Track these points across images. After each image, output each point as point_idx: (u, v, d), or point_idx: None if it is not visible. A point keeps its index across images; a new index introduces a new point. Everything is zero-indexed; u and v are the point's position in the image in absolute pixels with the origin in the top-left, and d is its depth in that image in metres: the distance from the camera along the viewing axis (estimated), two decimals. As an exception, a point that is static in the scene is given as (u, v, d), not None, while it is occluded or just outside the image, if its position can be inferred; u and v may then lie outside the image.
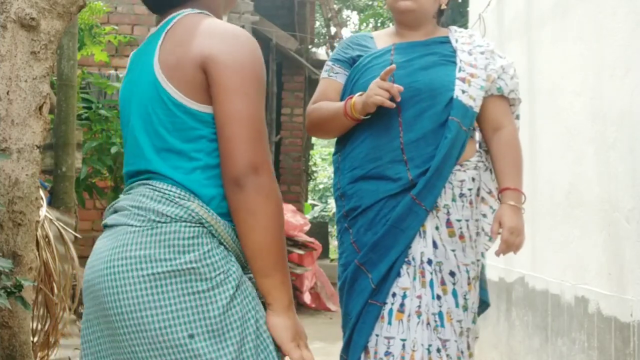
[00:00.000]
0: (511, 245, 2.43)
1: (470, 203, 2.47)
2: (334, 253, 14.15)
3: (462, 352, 2.40)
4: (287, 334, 1.40)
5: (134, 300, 1.35)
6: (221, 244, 1.42)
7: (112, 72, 7.35)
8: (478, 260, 2.49)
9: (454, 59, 2.51)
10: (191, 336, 1.34)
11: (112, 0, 7.75)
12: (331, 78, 2.60)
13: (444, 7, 2.60)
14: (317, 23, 14.48)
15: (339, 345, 2.54)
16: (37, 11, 2.46)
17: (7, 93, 2.44)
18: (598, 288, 3.19)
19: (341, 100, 2.53)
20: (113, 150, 5.67)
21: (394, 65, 2.36)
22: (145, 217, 1.41)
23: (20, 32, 2.45)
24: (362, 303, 2.38)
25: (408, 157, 2.41)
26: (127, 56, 8.61)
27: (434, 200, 2.40)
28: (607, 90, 3.22)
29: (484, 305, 2.58)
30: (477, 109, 2.47)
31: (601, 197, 3.22)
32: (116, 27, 7.18)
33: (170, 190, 1.41)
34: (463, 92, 2.45)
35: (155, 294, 1.35)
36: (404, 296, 2.38)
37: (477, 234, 2.50)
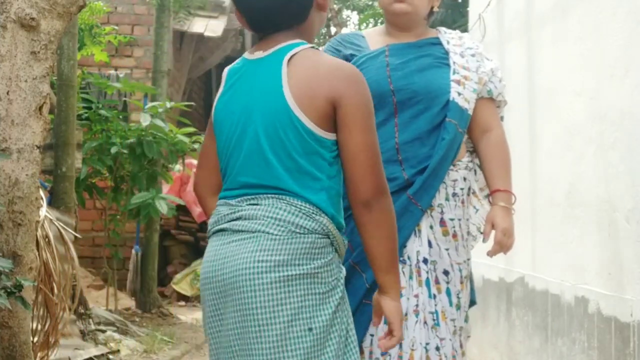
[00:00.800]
0: (504, 246, 2.46)
1: (462, 202, 2.50)
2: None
3: (456, 351, 2.40)
4: (399, 316, 1.74)
5: (270, 297, 1.62)
6: (336, 252, 1.74)
7: (112, 72, 7.35)
8: (469, 259, 2.52)
9: (447, 61, 2.53)
10: (310, 329, 1.63)
11: (112, 0, 7.75)
12: None
13: (436, 9, 2.61)
14: (317, 23, 14.47)
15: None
16: (37, 11, 2.46)
17: (7, 93, 2.44)
18: (598, 288, 3.19)
19: None
20: (113, 150, 5.67)
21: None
22: (285, 228, 1.66)
23: (20, 32, 2.45)
24: (356, 303, 2.36)
25: (403, 158, 2.42)
26: (127, 56, 8.63)
27: (430, 200, 2.42)
28: (607, 90, 3.22)
29: (471, 304, 2.60)
30: (471, 112, 2.51)
31: (601, 197, 3.22)
32: (116, 27, 7.19)
33: (305, 207, 1.67)
34: (459, 94, 2.48)
35: (287, 292, 1.62)
36: (400, 295, 2.37)
37: (468, 232, 2.53)
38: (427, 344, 2.36)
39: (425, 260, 2.41)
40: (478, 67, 2.55)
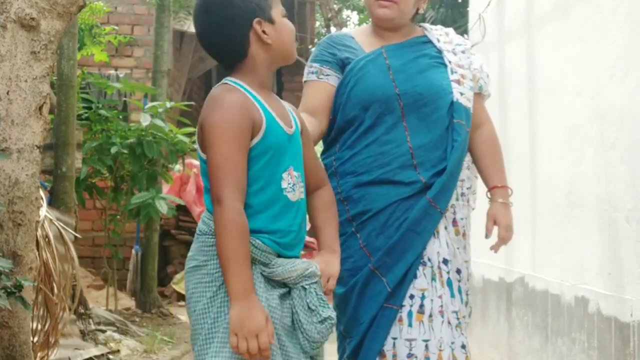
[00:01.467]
0: (506, 241, 2.52)
1: (467, 201, 2.54)
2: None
3: (466, 347, 2.45)
4: (232, 323, 1.79)
5: (186, 283, 1.96)
6: None
7: (112, 72, 7.35)
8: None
9: (441, 59, 2.53)
10: (194, 311, 1.88)
11: (112, 0, 7.75)
12: (321, 80, 2.53)
13: (421, 10, 2.59)
14: (317, 23, 14.48)
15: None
16: (37, 11, 2.46)
17: (7, 93, 2.44)
18: (598, 288, 3.19)
19: (335, 104, 2.51)
20: (113, 150, 5.67)
21: None
22: (197, 232, 1.96)
23: (20, 32, 2.45)
24: (377, 307, 2.37)
25: (418, 162, 2.41)
26: (127, 56, 8.64)
27: (448, 203, 2.43)
28: (607, 90, 3.21)
29: None
30: (472, 110, 2.52)
31: (601, 197, 3.22)
32: (116, 27, 7.18)
33: (205, 214, 1.95)
34: (461, 94, 2.48)
35: (188, 280, 1.92)
36: (423, 297, 2.39)
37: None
38: (452, 342, 2.38)
39: (445, 261, 2.42)
40: (470, 64, 2.56)
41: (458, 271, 2.45)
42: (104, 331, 4.81)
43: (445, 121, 2.45)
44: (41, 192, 3.07)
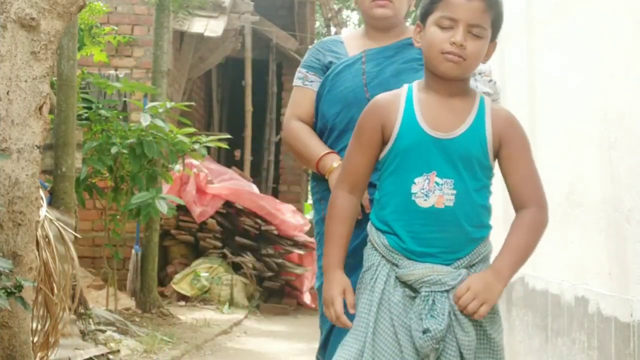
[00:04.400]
0: None
1: None
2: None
3: None
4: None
5: None
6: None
7: (112, 72, 7.35)
8: None
9: (421, 62, 2.48)
10: None
11: (112, 0, 7.75)
12: (306, 87, 2.57)
13: (412, 8, 2.61)
14: (317, 23, 14.48)
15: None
16: (37, 11, 2.46)
17: (7, 93, 2.44)
18: (598, 288, 3.19)
19: (315, 109, 2.52)
20: (113, 150, 5.67)
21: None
22: None
23: (20, 32, 2.45)
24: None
25: None
26: (127, 56, 8.65)
27: None
28: (607, 90, 3.22)
29: None
30: None
31: (601, 197, 3.22)
32: (116, 27, 7.18)
33: None
34: None
35: None
36: None
37: None
38: None
39: None
40: None
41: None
42: (104, 331, 4.81)
43: None
44: (41, 192, 3.07)
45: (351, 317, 1.98)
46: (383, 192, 1.99)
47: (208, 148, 7.16)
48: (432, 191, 1.90)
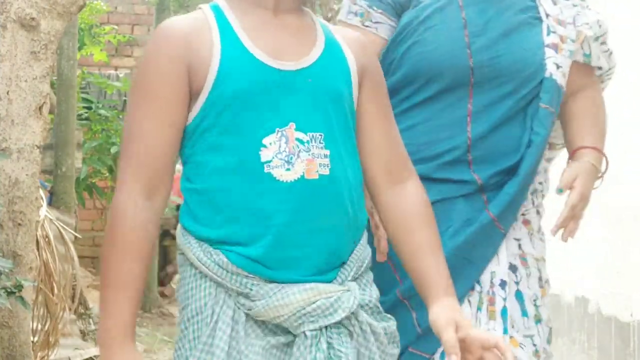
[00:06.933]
0: (575, 215, 1.89)
1: (542, 197, 1.94)
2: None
3: None
4: None
5: None
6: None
7: (112, 72, 7.35)
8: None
9: (536, 12, 1.76)
10: None
11: (112, 0, 7.75)
12: (368, 30, 1.72)
13: None
14: (317, 23, 14.52)
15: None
16: (37, 11, 2.46)
17: (7, 93, 2.44)
18: (598, 288, 3.19)
19: (382, 62, 1.65)
20: (113, 150, 5.68)
21: None
22: None
23: (20, 32, 2.45)
24: (399, 350, 1.49)
25: (474, 156, 1.69)
26: (127, 56, 8.68)
27: (514, 219, 1.73)
28: (607, 90, 3.21)
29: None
30: (565, 88, 1.77)
31: (602, 197, 3.22)
32: (116, 27, 7.19)
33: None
34: (557, 67, 1.73)
35: None
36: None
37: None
38: None
39: (502, 284, 1.70)
40: (575, 17, 1.78)
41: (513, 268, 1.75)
42: (104, 331, 4.80)
43: (521, 103, 1.72)
44: (41, 192, 3.07)
45: None
46: (203, 175, 1.21)
47: (208, 148, 7.17)
48: (294, 154, 1.19)
